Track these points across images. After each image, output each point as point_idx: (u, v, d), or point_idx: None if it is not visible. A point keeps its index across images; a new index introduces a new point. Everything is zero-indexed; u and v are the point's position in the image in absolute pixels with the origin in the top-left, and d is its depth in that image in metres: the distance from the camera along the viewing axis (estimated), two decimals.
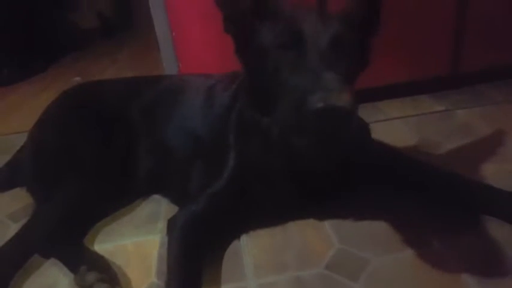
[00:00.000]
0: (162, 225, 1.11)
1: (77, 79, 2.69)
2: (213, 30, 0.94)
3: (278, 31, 0.87)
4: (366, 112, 0.90)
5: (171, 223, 0.99)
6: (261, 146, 0.99)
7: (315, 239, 1.00)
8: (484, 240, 0.92)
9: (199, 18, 1.31)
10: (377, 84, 1.60)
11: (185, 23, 1.49)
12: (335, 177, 1.02)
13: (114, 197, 1.18)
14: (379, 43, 0.94)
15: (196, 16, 0.88)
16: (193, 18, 0.89)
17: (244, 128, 1.02)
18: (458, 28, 1.58)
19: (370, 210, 1.06)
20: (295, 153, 0.95)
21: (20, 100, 2.48)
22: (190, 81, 1.30)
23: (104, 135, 1.18)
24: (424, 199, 1.05)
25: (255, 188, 1.00)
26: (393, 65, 1.57)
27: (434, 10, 1.54)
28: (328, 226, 1.03)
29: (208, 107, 1.14)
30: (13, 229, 1.14)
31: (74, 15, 3.75)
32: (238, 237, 1.04)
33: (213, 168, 1.05)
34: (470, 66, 1.66)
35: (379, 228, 1.00)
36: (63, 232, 1.03)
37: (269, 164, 1.00)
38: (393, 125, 1.51)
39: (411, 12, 1.53)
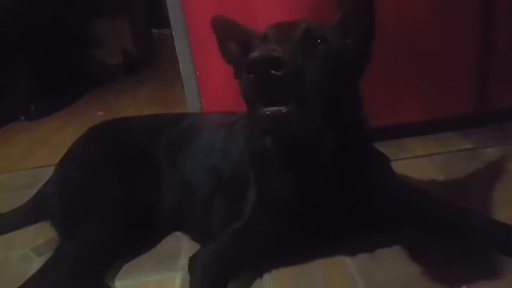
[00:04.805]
0: (183, 262, 1.09)
1: (100, 113, 2.75)
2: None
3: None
4: (391, 149, 0.88)
5: (193, 261, 0.98)
6: (276, 178, 0.98)
7: (339, 281, 0.97)
8: None
9: (222, 60, 1.36)
10: (402, 121, 1.59)
11: (208, 64, 1.55)
12: (356, 211, 0.98)
13: (136, 235, 1.17)
14: (404, 80, 0.93)
15: (219, 58, 0.93)
16: (216, 60, 0.94)
17: (262, 163, 1.01)
18: (484, 64, 1.56)
19: (396, 250, 1.03)
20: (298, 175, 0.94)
21: (46, 135, 2.54)
22: (213, 118, 1.32)
23: (128, 174, 1.18)
24: (452, 240, 1.01)
25: (277, 223, 0.99)
26: (418, 101, 1.56)
27: (458, 46, 1.54)
28: (352, 267, 1.00)
29: (229, 143, 1.15)
30: (37, 263, 1.15)
31: (98, 52, 3.89)
32: (261, 275, 1.02)
33: (234, 204, 1.04)
34: (497, 103, 1.62)
35: (405, 270, 0.96)
36: (86, 269, 1.03)
37: (287, 197, 0.98)
38: (419, 163, 1.47)
39: (435, 48, 1.52)
